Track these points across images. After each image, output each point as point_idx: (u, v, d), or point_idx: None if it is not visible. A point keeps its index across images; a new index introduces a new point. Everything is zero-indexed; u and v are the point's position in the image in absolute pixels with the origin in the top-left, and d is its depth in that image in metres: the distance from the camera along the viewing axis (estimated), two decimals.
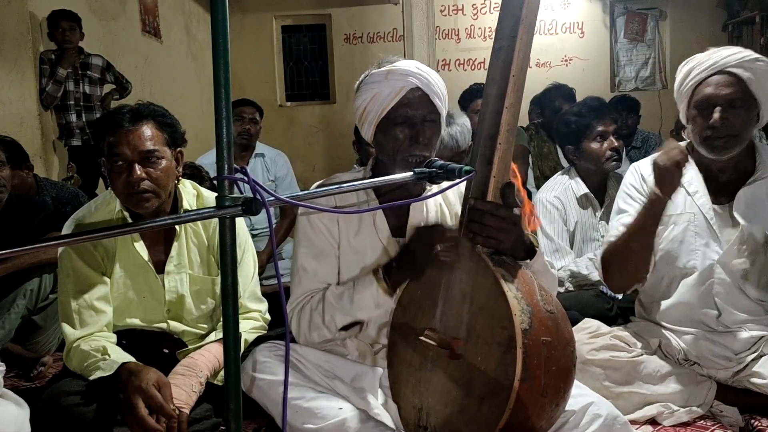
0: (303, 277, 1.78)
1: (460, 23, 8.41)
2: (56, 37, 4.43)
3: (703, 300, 2.04)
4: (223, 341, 1.12)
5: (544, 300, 1.38)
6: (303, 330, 1.75)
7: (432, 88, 1.69)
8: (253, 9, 8.33)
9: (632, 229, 1.97)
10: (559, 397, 1.36)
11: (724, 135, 1.94)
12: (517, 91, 1.41)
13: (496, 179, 1.43)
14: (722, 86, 1.93)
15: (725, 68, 1.93)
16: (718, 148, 1.96)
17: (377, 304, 1.66)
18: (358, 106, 1.75)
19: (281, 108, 8.56)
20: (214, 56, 1.04)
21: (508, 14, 1.41)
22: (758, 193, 2.00)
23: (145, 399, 1.66)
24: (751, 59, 1.93)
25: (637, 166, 2.20)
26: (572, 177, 2.82)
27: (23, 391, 2.21)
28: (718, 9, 8.13)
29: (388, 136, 1.71)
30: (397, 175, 1.45)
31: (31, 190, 3.37)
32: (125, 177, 1.87)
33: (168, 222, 1.37)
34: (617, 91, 7.98)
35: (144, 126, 1.90)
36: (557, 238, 2.72)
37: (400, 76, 1.68)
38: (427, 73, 1.70)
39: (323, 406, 1.60)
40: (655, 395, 1.99)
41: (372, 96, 1.70)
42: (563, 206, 2.75)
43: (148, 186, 1.88)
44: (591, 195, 2.77)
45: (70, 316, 1.91)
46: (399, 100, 1.68)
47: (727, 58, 1.94)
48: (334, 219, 1.78)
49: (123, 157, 1.86)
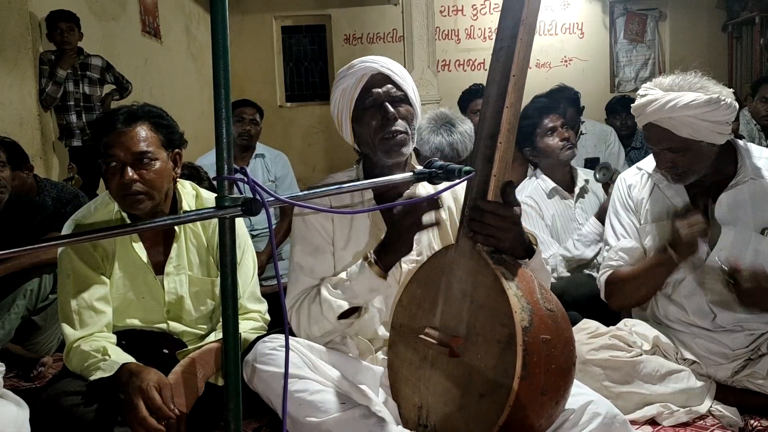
0: (300, 275, 1.80)
1: (460, 24, 8.42)
2: (55, 38, 4.42)
3: (697, 304, 2.06)
4: (223, 342, 1.12)
5: (544, 298, 1.39)
6: (303, 325, 1.77)
7: (391, 69, 1.78)
8: (253, 9, 8.33)
9: (644, 273, 2.06)
10: (559, 396, 1.36)
11: (673, 173, 2.01)
12: (518, 90, 1.43)
13: (496, 178, 1.44)
14: (658, 139, 1.99)
15: (654, 122, 1.97)
16: (677, 180, 2.04)
17: (372, 288, 1.68)
18: (333, 109, 1.83)
19: (281, 108, 8.56)
20: (214, 57, 1.04)
21: (509, 15, 1.43)
22: (739, 197, 2.01)
23: (144, 400, 1.67)
24: (681, 105, 1.89)
25: (623, 179, 2.25)
26: (538, 176, 2.93)
27: (23, 392, 2.21)
28: (718, 9, 8.14)
29: (362, 124, 1.77)
30: (396, 176, 1.45)
31: (31, 191, 3.37)
32: (118, 178, 1.87)
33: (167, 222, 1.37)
34: (617, 91, 7.98)
35: (138, 127, 1.90)
36: (539, 233, 2.77)
37: (360, 65, 1.78)
38: (385, 60, 1.80)
39: (326, 399, 1.61)
40: (655, 395, 2.00)
41: (340, 93, 1.78)
42: (536, 203, 2.85)
43: (140, 188, 1.88)
44: (558, 187, 2.88)
45: (69, 316, 1.91)
46: (363, 86, 1.75)
47: (654, 106, 1.93)
48: (328, 216, 1.81)
49: (116, 158, 1.87)
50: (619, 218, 2.20)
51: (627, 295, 2.14)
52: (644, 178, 2.19)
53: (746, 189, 2.01)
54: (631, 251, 2.13)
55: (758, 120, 4.81)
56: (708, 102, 1.87)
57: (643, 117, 1.99)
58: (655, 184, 2.14)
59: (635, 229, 2.16)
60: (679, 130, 1.92)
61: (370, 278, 1.66)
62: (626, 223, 2.18)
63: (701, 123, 1.89)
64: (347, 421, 1.57)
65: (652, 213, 2.12)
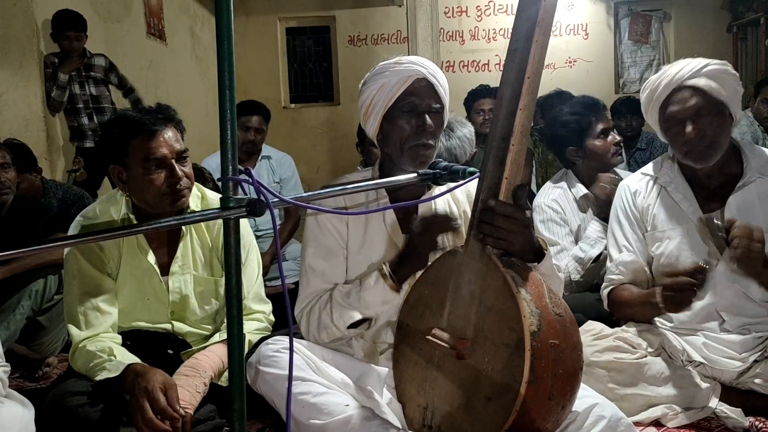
0: (311, 277, 1.80)
1: (464, 25, 8.40)
2: (62, 45, 4.34)
3: (705, 310, 2.05)
4: (227, 342, 1.12)
5: (552, 303, 1.38)
6: (312, 330, 1.76)
7: (438, 79, 1.75)
8: (258, 11, 8.33)
9: (638, 305, 2.08)
10: (566, 400, 1.36)
11: (701, 146, 1.98)
12: (532, 93, 1.41)
13: (508, 181, 1.43)
14: (685, 101, 1.97)
15: (681, 84, 1.97)
16: (701, 158, 2.00)
17: (384, 300, 1.68)
18: (365, 99, 1.79)
19: (285, 109, 8.56)
20: (219, 58, 1.05)
21: (524, 16, 1.41)
22: (748, 197, 2.01)
23: (150, 401, 1.67)
24: (701, 67, 1.97)
25: (627, 186, 2.22)
26: (569, 180, 2.77)
27: (28, 392, 2.21)
28: (723, 10, 8.11)
29: (395, 125, 1.74)
30: (402, 176, 1.45)
31: (37, 193, 3.38)
32: (165, 176, 1.91)
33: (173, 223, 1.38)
34: (621, 92, 7.96)
35: (172, 127, 1.97)
36: (560, 239, 2.70)
37: (408, 64, 1.74)
38: (432, 66, 1.77)
39: (330, 402, 1.61)
40: (660, 397, 1.99)
41: (380, 86, 1.74)
42: (562, 209, 2.71)
43: (186, 183, 1.95)
44: (591, 195, 2.71)
45: (75, 317, 1.92)
46: (406, 89, 1.72)
47: (679, 73, 1.98)
48: (343, 219, 1.80)
49: (162, 158, 1.90)
50: (622, 229, 2.19)
51: (627, 316, 2.18)
52: (650, 183, 2.17)
53: (754, 188, 2.00)
54: (630, 265, 2.13)
55: (761, 121, 4.78)
56: (729, 69, 1.98)
57: (673, 82, 1.98)
58: (662, 187, 2.13)
59: (638, 239, 2.15)
60: (712, 91, 1.94)
61: (384, 291, 1.66)
62: (629, 235, 2.17)
63: (727, 82, 1.95)
64: (351, 423, 1.57)
65: (660, 218, 2.11)
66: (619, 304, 2.15)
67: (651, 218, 2.14)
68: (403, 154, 1.74)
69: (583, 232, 2.70)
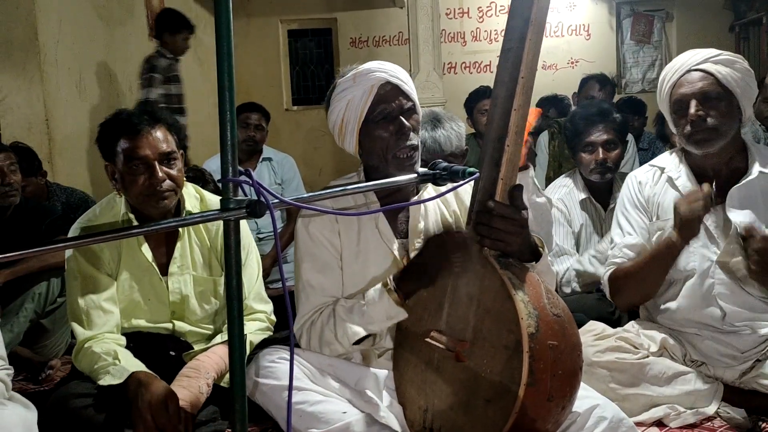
0: (310, 293, 1.76)
1: (466, 26, 8.40)
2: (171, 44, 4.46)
3: (706, 301, 2.04)
4: (229, 343, 1.12)
5: (551, 303, 1.38)
6: (314, 345, 1.74)
7: (401, 79, 1.73)
8: (259, 13, 8.34)
9: (647, 263, 2.04)
10: (565, 401, 1.36)
11: (703, 128, 1.97)
12: (526, 93, 1.41)
13: (504, 181, 1.43)
14: (694, 82, 1.99)
15: (694, 67, 1.98)
16: (701, 142, 1.99)
17: (389, 316, 1.64)
18: (335, 120, 1.75)
19: (287, 112, 8.56)
20: (218, 59, 1.05)
21: (517, 15, 1.41)
22: (751, 191, 2.00)
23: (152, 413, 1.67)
24: (716, 55, 1.98)
25: (634, 176, 2.22)
26: (576, 180, 2.82)
27: (31, 395, 2.22)
28: (725, 10, 8.09)
29: (373, 138, 1.72)
30: (401, 177, 1.45)
31: (42, 195, 3.39)
32: (146, 178, 1.90)
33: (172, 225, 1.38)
34: (624, 92, 7.94)
35: (161, 128, 1.95)
36: (561, 242, 2.70)
37: (367, 74, 1.71)
38: (390, 66, 1.74)
39: (327, 410, 1.60)
40: (662, 397, 1.99)
41: (346, 104, 1.72)
42: (567, 209, 2.75)
43: (169, 185, 1.93)
44: (592, 199, 2.76)
45: (79, 316, 1.93)
46: (373, 99, 1.70)
47: (694, 57, 2.00)
48: (335, 231, 1.77)
49: (144, 158, 1.90)
50: (627, 215, 2.18)
51: (632, 289, 2.11)
52: (657, 174, 2.17)
53: (757, 183, 2.00)
54: (635, 247, 2.12)
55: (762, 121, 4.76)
56: (744, 63, 1.99)
57: (687, 64, 2.00)
58: (669, 177, 2.12)
59: (643, 226, 2.14)
60: (723, 79, 1.95)
61: (388, 305, 1.62)
62: (634, 221, 2.16)
63: (739, 74, 1.96)
64: (350, 430, 1.57)
65: (664, 208, 2.10)
66: (625, 277, 2.10)
67: (656, 208, 2.13)
68: (389, 163, 1.71)
69: (585, 234, 2.71)
